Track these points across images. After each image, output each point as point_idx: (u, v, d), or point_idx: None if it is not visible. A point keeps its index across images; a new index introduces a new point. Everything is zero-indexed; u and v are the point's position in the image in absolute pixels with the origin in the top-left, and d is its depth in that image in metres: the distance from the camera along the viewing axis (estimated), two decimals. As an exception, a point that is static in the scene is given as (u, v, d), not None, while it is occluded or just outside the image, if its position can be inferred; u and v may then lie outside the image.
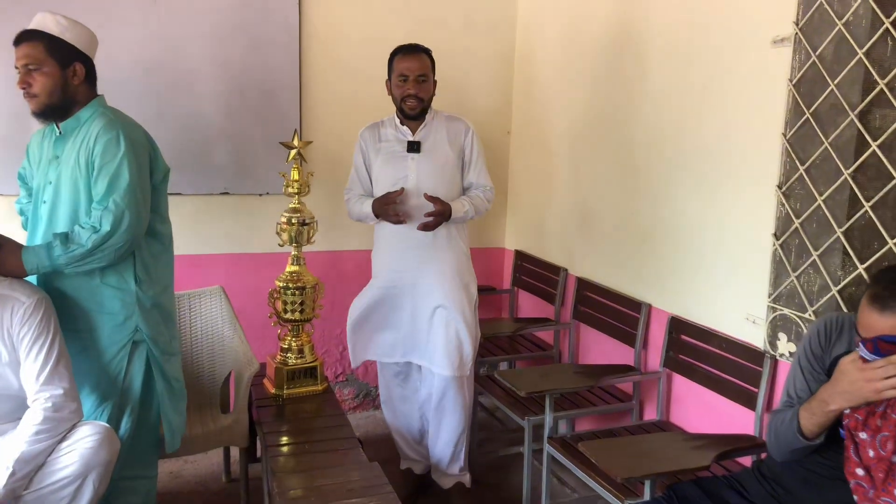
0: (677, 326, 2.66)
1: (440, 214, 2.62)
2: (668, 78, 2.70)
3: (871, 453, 1.48)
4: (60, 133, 2.17)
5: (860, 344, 1.54)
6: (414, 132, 2.73)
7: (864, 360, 1.51)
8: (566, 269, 3.39)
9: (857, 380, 1.51)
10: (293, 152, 2.70)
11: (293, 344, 2.77)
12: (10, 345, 2.01)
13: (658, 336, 2.76)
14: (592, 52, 3.15)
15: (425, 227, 2.63)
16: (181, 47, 3.16)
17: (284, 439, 2.41)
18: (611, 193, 3.07)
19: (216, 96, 3.24)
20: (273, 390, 2.74)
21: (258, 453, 2.67)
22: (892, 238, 1.89)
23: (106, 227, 2.04)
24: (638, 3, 2.85)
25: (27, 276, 2.08)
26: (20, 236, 2.22)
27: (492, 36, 3.68)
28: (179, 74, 3.17)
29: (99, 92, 2.23)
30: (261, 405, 2.67)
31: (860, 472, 1.50)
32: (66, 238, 2.04)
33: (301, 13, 3.32)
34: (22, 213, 2.41)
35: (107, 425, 2.04)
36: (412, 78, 2.64)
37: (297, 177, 2.70)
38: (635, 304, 2.87)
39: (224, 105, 3.26)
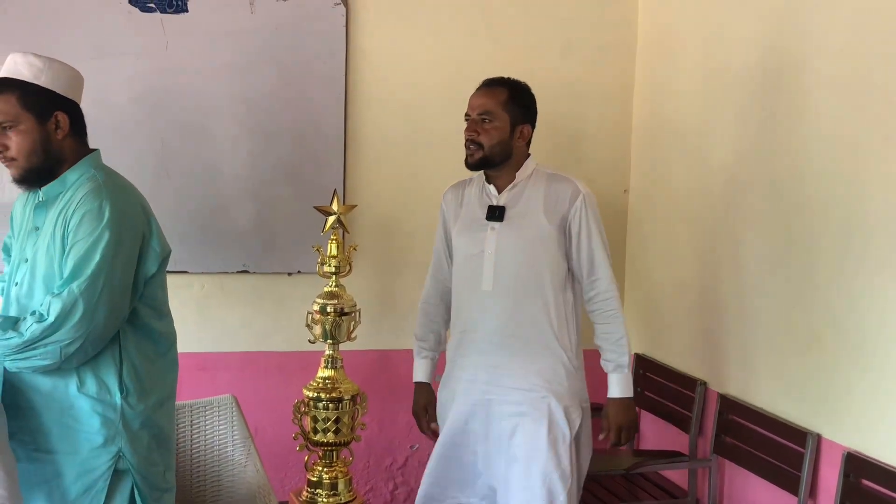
0: (857, 466, 2.67)
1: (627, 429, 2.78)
2: (841, 118, 2.79)
3: None
4: (42, 199, 2.36)
5: None
6: (501, 193, 2.85)
7: None
8: (705, 383, 3.45)
9: None
10: (331, 219, 2.91)
11: (325, 476, 2.91)
12: None
13: (830, 480, 2.78)
14: (740, 86, 3.28)
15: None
16: (193, 82, 3.46)
17: None
18: (766, 277, 3.14)
19: (235, 144, 3.51)
20: (296, 540, 2.88)
21: None
22: None
23: (50, 318, 2.15)
24: (796, 23, 2.98)
25: None
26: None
27: (603, 66, 3.84)
28: (189, 116, 3.46)
29: (92, 143, 2.42)
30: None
31: None
32: (12, 323, 2.20)
33: (348, 36, 3.58)
34: (2, 292, 2.58)
35: None
36: (473, 117, 2.77)
37: (335, 252, 2.89)
38: (799, 435, 2.91)
39: (245, 156, 3.52)
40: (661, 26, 3.81)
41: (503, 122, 2.75)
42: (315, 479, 2.92)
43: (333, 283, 2.91)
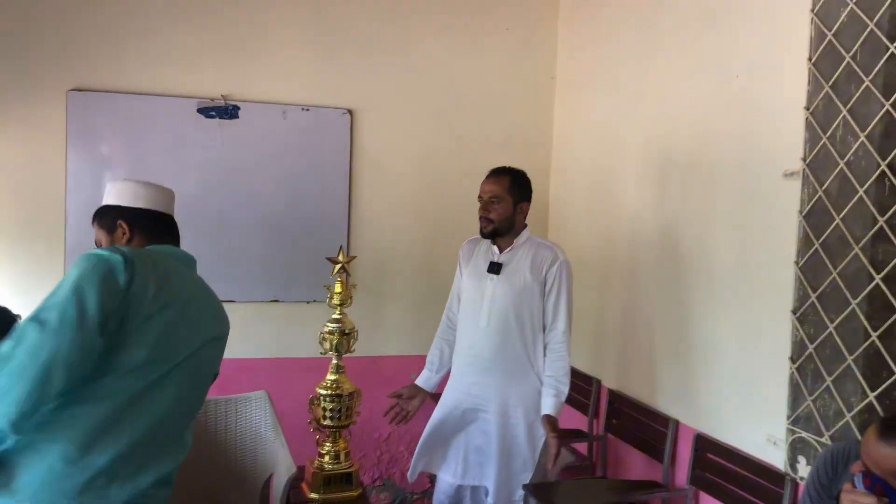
0: (703, 444, 2.72)
1: (558, 440, 2.65)
2: (694, 203, 2.87)
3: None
4: None
5: (857, 473, 1.65)
6: (502, 253, 2.83)
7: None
8: (599, 380, 3.49)
9: (843, 503, 1.62)
10: (338, 267, 2.94)
11: (330, 449, 2.92)
12: None
13: (685, 453, 2.82)
14: (625, 174, 3.35)
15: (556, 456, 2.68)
16: (243, 167, 3.51)
17: (316, 544, 2.53)
18: (642, 309, 3.20)
19: (271, 209, 3.56)
20: (310, 494, 2.88)
21: (292, 556, 2.79)
22: (899, 368, 1.98)
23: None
24: (664, 131, 3.07)
25: None
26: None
27: (529, 154, 3.91)
28: (239, 191, 3.51)
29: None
30: (297, 509, 2.81)
31: None
32: None
33: (352, 135, 3.65)
34: None
35: None
36: (485, 199, 2.79)
37: (340, 290, 2.92)
38: (663, 420, 2.95)
39: (277, 219, 3.57)
40: (567, 127, 3.89)
41: (508, 203, 2.76)
42: (324, 451, 2.92)
43: (339, 312, 2.93)
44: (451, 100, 3.81)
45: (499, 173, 2.80)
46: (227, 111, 3.49)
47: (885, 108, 2.02)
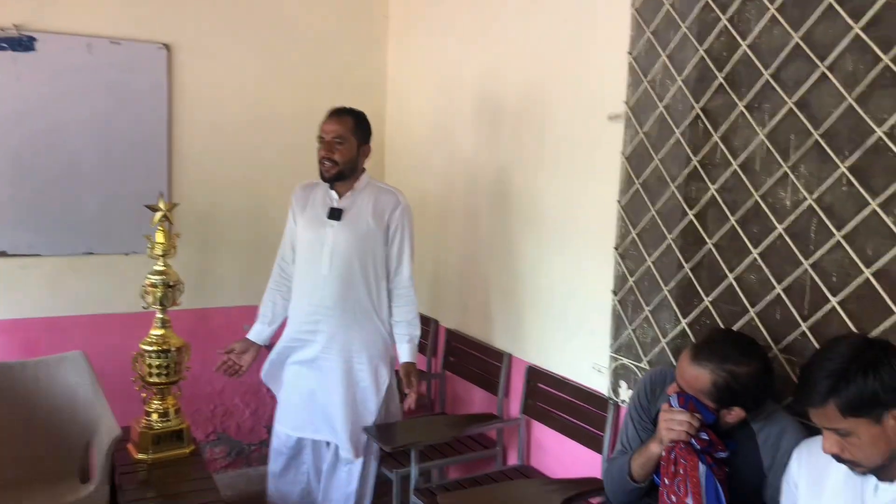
0: (534, 375, 2.84)
1: (418, 385, 2.68)
2: (526, 145, 2.92)
3: (673, 497, 1.68)
4: None
5: (672, 393, 1.79)
6: (341, 198, 2.74)
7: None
8: (437, 321, 3.53)
9: (661, 421, 1.75)
10: (158, 215, 2.71)
11: (159, 407, 2.74)
12: None
13: (518, 384, 2.93)
14: (461, 118, 3.34)
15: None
16: (43, 107, 3.10)
17: (148, 507, 2.38)
18: (478, 249, 3.25)
19: (79, 155, 3.18)
20: (137, 455, 2.69)
21: (121, 522, 2.61)
22: (707, 297, 2.14)
23: None
24: (497, 74, 3.08)
25: None
26: None
27: (363, 95, 3.75)
28: (39, 132, 3.10)
29: None
30: (124, 472, 2.62)
31: (670, 513, 1.69)
32: None
33: (170, 71, 3.34)
34: None
35: None
36: (327, 140, 2.66)
37: (162, 239, 2.70)
38: (498, 355, 3.04)
39: (87, 165, 3.20)
40: (404, 72, 3.81)
41: (352, 145, 2.66)
42: (151, 410, 2.74)
43: (162, 263, 2.72)
44: (279, 38, 3.58)
45: (341, 113, 2.69)
46: (21, 43, 3.05)
47: (699, 54, 2.13)
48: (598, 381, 2.56)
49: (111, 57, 3.21)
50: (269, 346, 2.87)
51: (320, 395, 2.75)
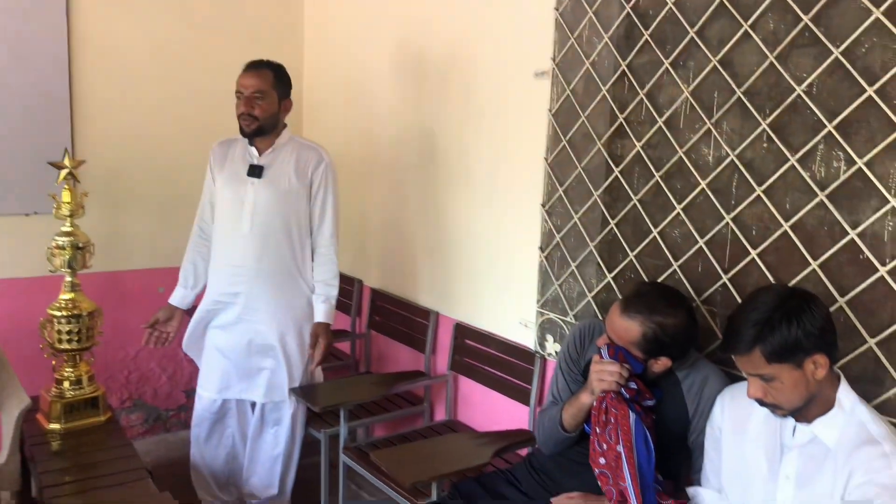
0: (462, 332, 2.85)
1: (325, 344, 2.65)
2: (451, 101, 2.88)
3: (605, 445, 1.73)
4: None
5: (602, 345, 1.83)
6: (262, 155, 2.63)
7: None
8: (361, 281, 3.49)
9: (592, 373, 1.79)
10: (64, 173, 2.54)
11: (71, 374, 2.60)
12: None
13: (446, 340, 2.94)
14: (383, 72, 3.26)
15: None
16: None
17: (64, 478, 2.26)
18: (403, 208, 3.21)
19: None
20: (49, 425, 2.56)
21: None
22: (632, 251, 2.19)
23: None
24: (422, 30, 3.01)
25: None
26: None
27: (281, 48, 3.64)
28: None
29: None
30: (35, 443, 2.49)
31: (602, 461, 1.74)
32: None
33: (70, 19, 3.10)
34: None
35: None
36: (246, 95, 2.53)
37: (68, 199, 2.53)
38: (425, 313, 3.04)
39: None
40: (320, 22, 3.68)
41: (273, 99, 2.56)
42: (62, 377, 2.60)
43: (69, 224, 2.55)
44: (188, -16, 3.39)
45: (260, 66, 2.58)
46: None
47: (625, 11, 2.14)
48: (525, 336, 2.60)
49: (3, 1, 2.95)
50: (191, 310, 2.76)
51: (243, 356, 2.68)
